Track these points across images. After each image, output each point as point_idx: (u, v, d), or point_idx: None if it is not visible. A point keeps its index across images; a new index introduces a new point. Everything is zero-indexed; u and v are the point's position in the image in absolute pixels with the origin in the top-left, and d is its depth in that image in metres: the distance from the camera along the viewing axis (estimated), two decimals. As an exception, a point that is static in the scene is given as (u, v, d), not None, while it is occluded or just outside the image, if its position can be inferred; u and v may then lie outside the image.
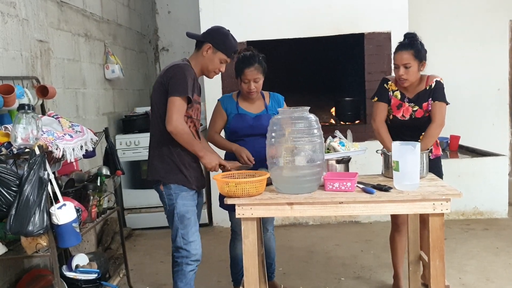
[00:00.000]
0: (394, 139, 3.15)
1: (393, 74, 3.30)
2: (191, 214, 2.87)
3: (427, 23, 5.99)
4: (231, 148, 3.19)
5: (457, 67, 5.99)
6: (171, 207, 2.86)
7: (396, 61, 3.12)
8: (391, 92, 3.25)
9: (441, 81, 3.19)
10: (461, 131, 5.64)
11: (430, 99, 3.16)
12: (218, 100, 3.37)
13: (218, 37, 2.84)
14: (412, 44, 3.10)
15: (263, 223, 3.40)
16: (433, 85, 3.16)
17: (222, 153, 3.33)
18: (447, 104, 3.18)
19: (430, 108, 3.16)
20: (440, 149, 3.38)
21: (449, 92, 3.16)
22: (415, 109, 3.18)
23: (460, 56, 6.07)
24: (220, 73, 2.95)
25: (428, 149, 3.09)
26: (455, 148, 5.68)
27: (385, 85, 3.28)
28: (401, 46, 3.12)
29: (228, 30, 2.89)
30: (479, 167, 5.12)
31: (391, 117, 3.26)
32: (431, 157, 3.21)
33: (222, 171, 2.90)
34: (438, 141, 3.36)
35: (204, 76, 2.99)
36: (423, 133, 3.21)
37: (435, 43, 5.91)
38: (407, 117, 3.21)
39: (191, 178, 2.88)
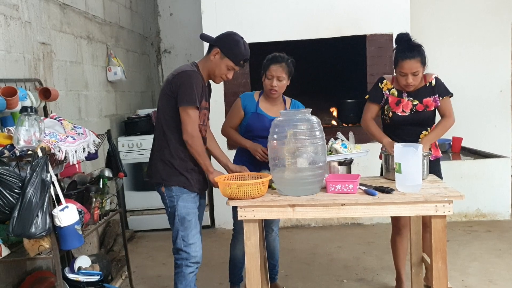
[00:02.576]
0: (394, 138, 3.15)
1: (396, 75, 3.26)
2: (191, 216, 2.87)
3: (429, 25, 5.99)
4: (245, 144, 3.22)
5: (459, 69, 5.98)
6: (172, 209, 2.87)
7: (404, 69, 3.02)
8: (386, 91, 3.20)
9: (438, 77, 3.19)
10: (463, 133, 5.63)
11: (436, 95, 3.13)
12: (239, 96, 3.38)
13: (228, 43, 2.81)
14: (418, 50, 3.02)
15: (268, 224, 3.40)
16: (433, 82, 3.14)
17: (232, 153, 3.34)
18: (451, 96, 3.18)
19: (439, 104, 3.14)
20: (440, 151, 3.34)
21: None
22: (415, 103, 3.14)
23: (462, 58, 6.06)
24: (227, 79, 2.92)
25: (428, 152, 3.05)
26: (458, 149, 5.67)
27: (379, 84, 3.23)
28: (407, 54, 3.00)
29: (241, 38, 2.84)
30: (482, 169, 5.11)
31: (390, 114, 3.20)
32: (430, 159, 3.18)
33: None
34: (437, 143, 3.32)
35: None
36: (423, 131, 3.19)
37: (437, 45, 5.92)
38: (408, 112, 3.15)
39: (193, 180, 2.88)
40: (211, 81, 2.99)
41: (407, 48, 3.03)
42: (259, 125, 3.22)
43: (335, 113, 6.16)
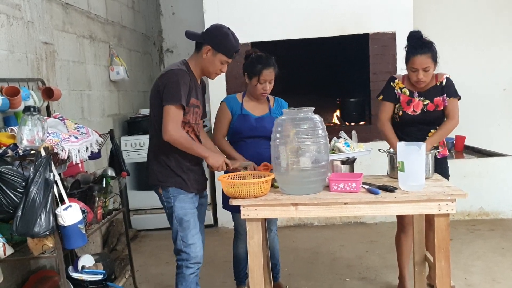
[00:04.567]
0: (403, 135, 3.19)
1: (399, 73, 3.29)
2: (189, 216, 2.84)
3: (432, 23, 5.95)
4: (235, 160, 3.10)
5: (463, 67, 5.94)
6: (170, 210, 2.85)
7: (415, 65, 3.06)
8: (398, 90, 3.24)
9: (450, 77, 3.23)
10: (466, 131, 5.60)
11: (445, 95, 3.17)
12: (222, 101, 3.34)
13: (218, 38, 2.75)
14: (429, 46, 3.07)
15: (267, 224, 3.40)
16: (444, 82, 3.19)
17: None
18: (459, 99, 3.23)
19: (446, 104, 3.17)
20: (447, 150, 3.37)
21: (454, 92, 3.16)
22: (425, 103, 3.18)
23: (465, 56, 6.03)
24: (222, 73, 2.88)
25: (437, 148, 3.06)
26: (461, 148, 5.66)
27: (391, 83, 3.27)
28: (419, 49, 3.05)
29: (228, 29, 2.79)
30: (485, 168, 5.10)
31: (400, 113, 3.23)
32: (438, 157, 3.19)
33: (226, 171, 2.90)
34: (445, 142, 3.34)
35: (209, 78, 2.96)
36: (432, 130, 3.21)
37: (440, 43, 5.74)
38: (418, 111, 3.19)
39: (189, 181, 2.85)
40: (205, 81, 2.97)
41: (418, 44, 3.08)
42: (246, 125, 3.21)
43: (337, 112, 6.15)
